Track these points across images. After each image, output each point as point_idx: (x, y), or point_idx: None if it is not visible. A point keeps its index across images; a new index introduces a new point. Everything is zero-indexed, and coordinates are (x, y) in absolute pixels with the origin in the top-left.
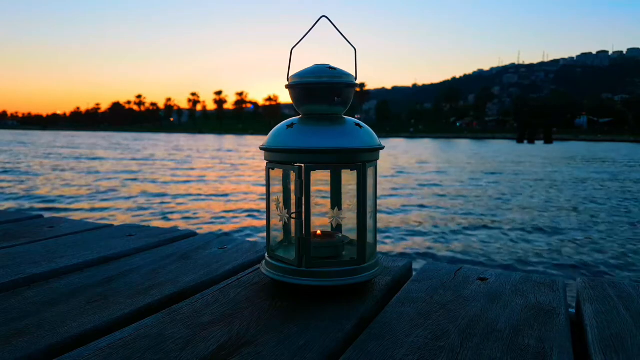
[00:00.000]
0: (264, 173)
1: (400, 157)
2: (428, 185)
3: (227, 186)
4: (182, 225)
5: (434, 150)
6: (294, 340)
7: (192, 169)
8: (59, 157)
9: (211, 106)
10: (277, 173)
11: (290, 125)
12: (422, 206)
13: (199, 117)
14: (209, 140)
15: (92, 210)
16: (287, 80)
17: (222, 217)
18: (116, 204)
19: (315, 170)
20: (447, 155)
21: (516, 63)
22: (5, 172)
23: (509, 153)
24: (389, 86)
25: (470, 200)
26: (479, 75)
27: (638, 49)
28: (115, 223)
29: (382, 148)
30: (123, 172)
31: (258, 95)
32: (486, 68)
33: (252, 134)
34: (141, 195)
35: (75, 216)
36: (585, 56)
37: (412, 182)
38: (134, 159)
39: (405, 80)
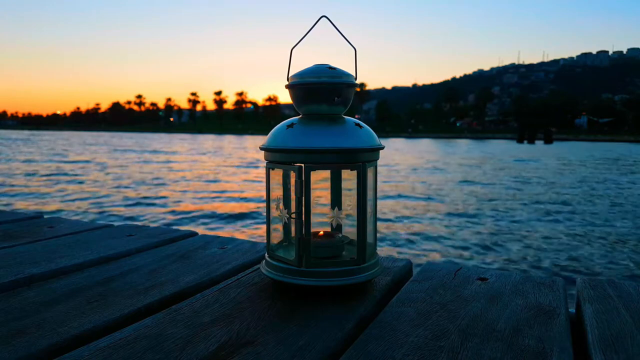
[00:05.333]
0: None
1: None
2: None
3: None
4: None
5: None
6: (294, 340)
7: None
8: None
9: (211, 106)
10: (277, 173)
11: (290, 125)
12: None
13: (199, 117)
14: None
15: None
16: (287, 80)
17: None
18: None
19: (315, 170)
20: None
21: (516, 63)
22: None
23: (497, 153)
24: (389, 86)
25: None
26: (479, 75)
27: (638, 49)
28: None
29: (382, 148)
30: None
31: (258, 95)
32: (486, 68)
33: (252, 133)
34: None
35: None
36: (585, 56)
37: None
38: None
39: (405, 80)
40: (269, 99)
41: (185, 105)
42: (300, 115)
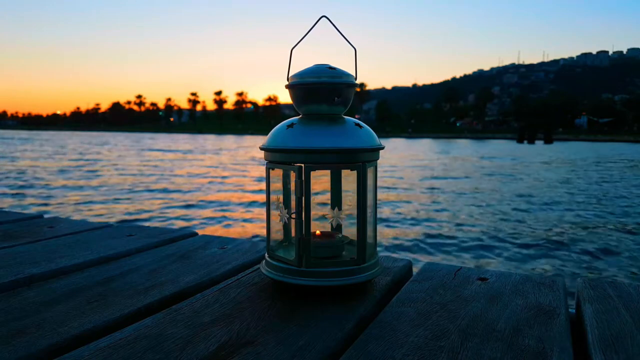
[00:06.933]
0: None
1: None
2: None
3: None
4: None
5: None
6: (294, 340)
7: None
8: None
9: (211, 106)
10: (277, 173)
11: (290, 125)
12: None
13: (199, 117)
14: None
15: None
16: (287, 80)
17: None
18: None
19: (315, 170)
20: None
21: (516, 63)
22: None
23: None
24: (389, 86)
25: None
26: (479, 75)
27: (638, 49)
28: None
29: (382, 148)
30: None
31: (258, 95)
32: (486, 68)
33: (252, 133)
34: None
35: None
36: (585, 56)
37: None
38: None
39: (405, 80)
40: (269, 99)
41: (185, 105)
42: (300, 115)
